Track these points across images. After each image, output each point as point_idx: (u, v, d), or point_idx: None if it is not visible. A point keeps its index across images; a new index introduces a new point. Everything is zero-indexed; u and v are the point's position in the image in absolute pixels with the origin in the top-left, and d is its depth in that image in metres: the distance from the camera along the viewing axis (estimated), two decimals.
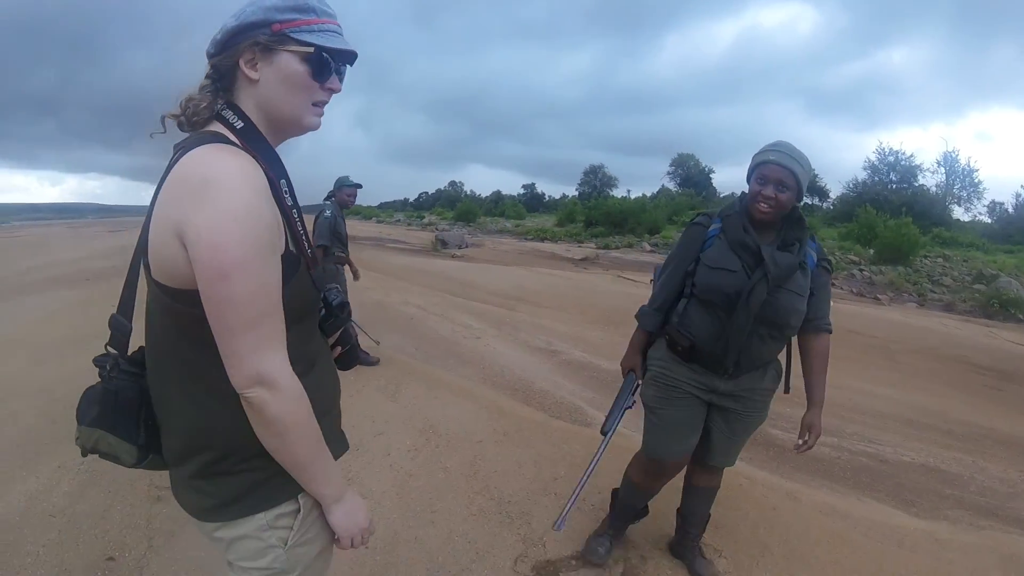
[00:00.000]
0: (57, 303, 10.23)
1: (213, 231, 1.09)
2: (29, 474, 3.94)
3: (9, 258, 19.60)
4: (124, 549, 3.18)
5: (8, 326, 8.56)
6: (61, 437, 4.39)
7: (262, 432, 1.23)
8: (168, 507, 3.51)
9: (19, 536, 3.30)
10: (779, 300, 2.45)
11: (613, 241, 31.27)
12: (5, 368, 6.27)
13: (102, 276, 13.52)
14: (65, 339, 7.37)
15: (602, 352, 7.66)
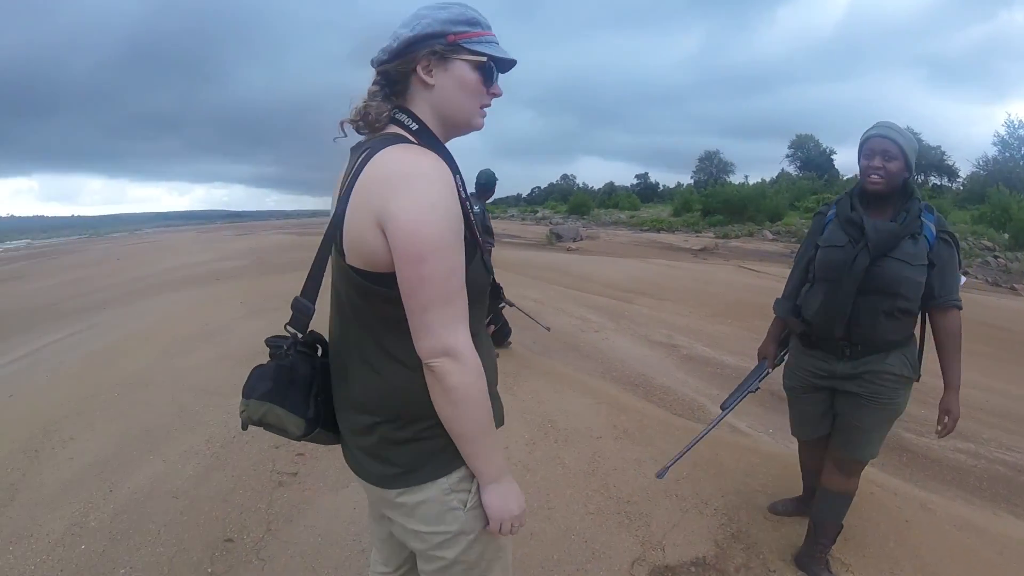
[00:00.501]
0: (188, 301, 10.97)
1: (413, 220, 1.26)
2: (157, 457, 4.24)
3: (146, 260, 21.32)
4: (243, 532, 3.35)
5: (145, 321, 9.32)
6: (190, 424, 4.78)
7: (440, 400, 1.36)
8: (289, 492, 3.69)
9: (143, 514, 3.54)
10: (884, 267, 2.52)
11: (733, 230, 30.33)
12: (140, 359, 6.81)
13: (231, 276, 14.42)
14: (194, 334, 7.93)
15: (725, 347, 7.42)
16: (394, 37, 1.40)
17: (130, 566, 3.08)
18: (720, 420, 3.18)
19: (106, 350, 7.54)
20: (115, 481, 3.93)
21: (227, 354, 6.75)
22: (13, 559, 3.21)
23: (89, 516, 3.55)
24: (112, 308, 11.02)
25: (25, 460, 4.32)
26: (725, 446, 4.23)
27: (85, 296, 12.92)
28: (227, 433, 4.53)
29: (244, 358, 6.49)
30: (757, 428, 4.65)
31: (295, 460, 4.07)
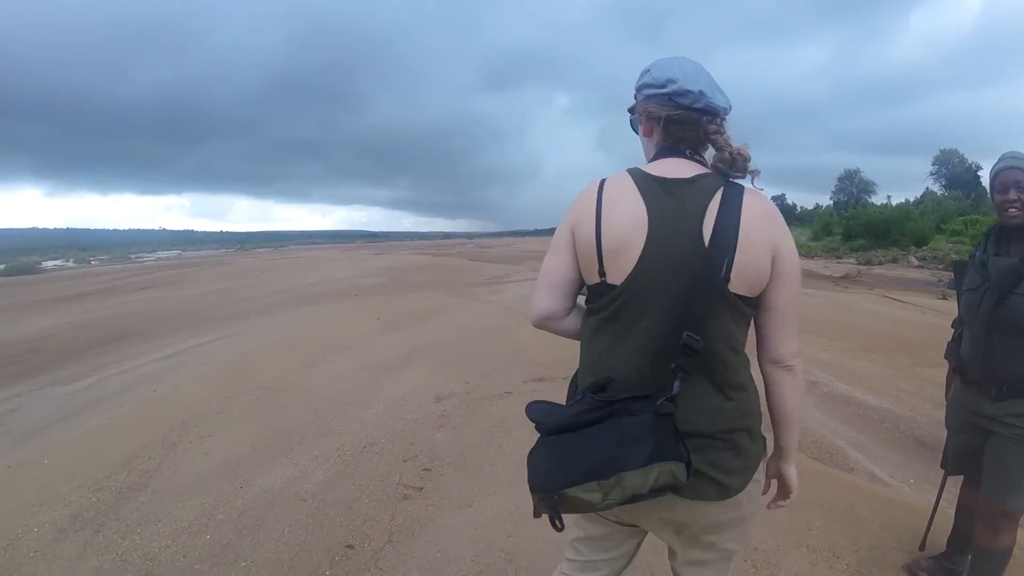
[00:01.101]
0: (327, 314, 11.51)
1: (793, 248, 1.56)
2: (288, 460, 4.41)
3: (289, 275, 22.51)
4: (364, 540, 3.40)
5: (285, 331, 9.85)
6: (323, 431, 4.96)
7: (795, 394, 1.64)
8: (413, 506, 3.73)
9: (269, 514, 3.68)
10: (1009, 305, 2.48)
11: (876, 255, 28.09)
12: (279, 366, 7.17)
13: (368, 292, 15.02)
14: (332, 346, 8.29)
15: (869, 385, 6.88)
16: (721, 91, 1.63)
17: (251, 560, 3.20)
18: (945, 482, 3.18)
19: (247, 356, 8.03)
20: (246, 479, 4.11)
21: (362, 367, 6.99)
22: (140, 540, 3.42)
23: (218, 509, 3.72)
24: (255, 317, 11.73)
25: (162, 451, 4.61)
26: (862, 495, 3.96)
27: (230, 305, 13.84)
28: (357, 443, 4.66)
29: (378, 371, 6.76)
30: (897, 477, 4.30)
31: (421, 475, 4.12)
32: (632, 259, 1.50)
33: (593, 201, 1.56)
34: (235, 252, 56.35)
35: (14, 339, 10.33)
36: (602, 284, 1.55)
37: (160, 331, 10.58)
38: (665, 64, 1.62)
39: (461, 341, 8.44)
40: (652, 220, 1.50)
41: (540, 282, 1.68)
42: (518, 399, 5.66)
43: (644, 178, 1.57)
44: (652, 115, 1.64)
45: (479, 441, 4.68)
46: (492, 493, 3.87)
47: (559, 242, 1.63)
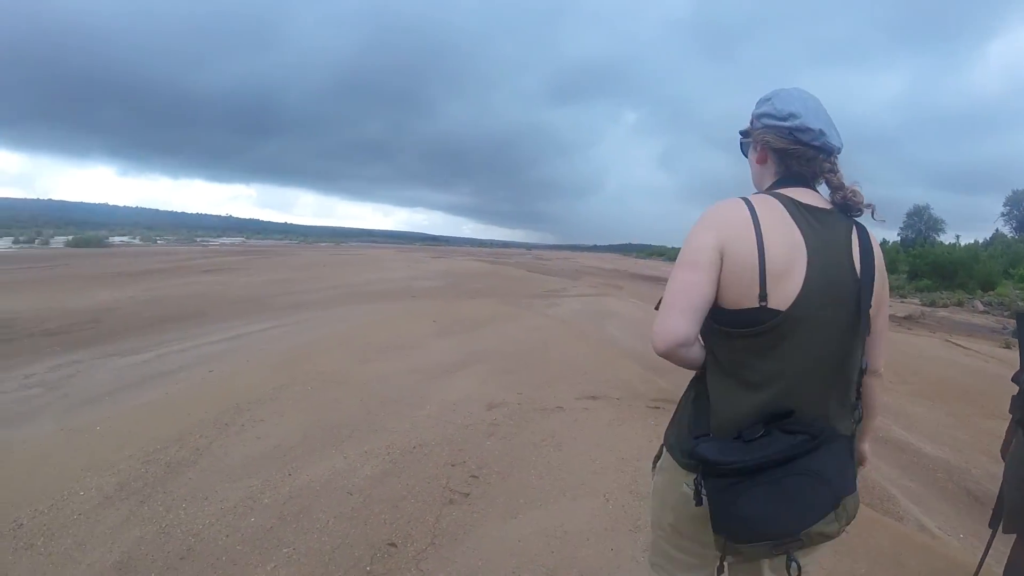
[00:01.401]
0: (384, 313, 11.62)
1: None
2: (337, 453, 4.42)
3: (352, 271, 22.80)
4: (407, 540, 3.37)
5: (343, 325, 9.96)
6: (373, 428, 4.97)
7: (881, 392, 1.76)
8: (458, 511, 3.70)
9: (316, 503, 3.69)
10: None
11: (941, 297, 26.87)
12: (334, 360, 7.25)
13: (425, 294, 15.14)
14: (387, 344, 8.36)
15: (926, 432, 6.61)
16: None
17: (294, 547, 3.19)
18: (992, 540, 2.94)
19: (304, 346, 8.12)
20: (295, 467, 4.13)
21: (415, 368, 7.01)
22: (184, 515, 3.45)
23: (265, 493, 3.74)
24: (314, 309, 11.87)
25: (214, 430, 4.67)
26: (910, 544, 3.80)
27: (291, 295, 14.05)
28: (407, 442, 4.65)
29: (432, 374, 6.77)
30: (947, 530, 4.14)
31: (468, 481, 4.08)
32: (796, 284, 1.48)
33: (747, 220, 1.51)
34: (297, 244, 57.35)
35: (76, 309, 10.60)
36: (761, 309, 1.47)
37: (221, 314, 10.80)
38: (787, 96, 1.63)
39: (515, 351, 8.42)
40: (809, 246, 1.50)
41: (674, 302, 1.53)
42: (570, 414, 5.61)
43: (792, 203, 1.56)
44: (770, 145, 1.65)
45: (528, 453, 4.63)
46: (538, 507, 3.81)
47: (701, 260, 1.51)
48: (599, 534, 3.51)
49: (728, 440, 1.47)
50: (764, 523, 1.37)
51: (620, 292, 19.93)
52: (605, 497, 3.99)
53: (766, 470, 1.38)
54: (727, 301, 1.51)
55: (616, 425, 5.35)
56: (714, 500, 1.41)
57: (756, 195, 1.60)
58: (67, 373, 6.46)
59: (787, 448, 1.39)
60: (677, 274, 1.54)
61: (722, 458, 1.40)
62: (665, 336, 1.51)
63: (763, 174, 1.71)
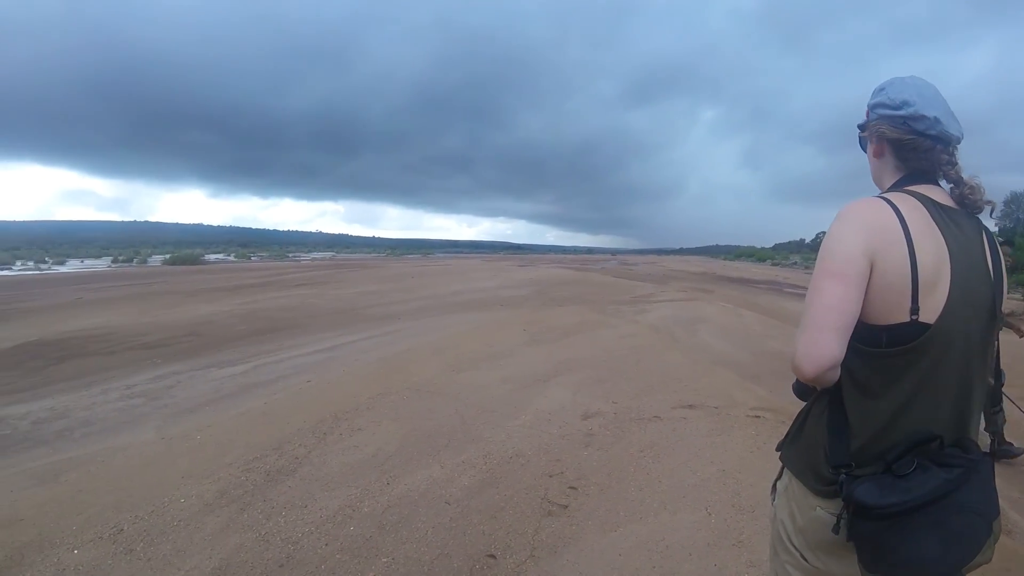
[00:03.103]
0: (474, 323, 11.66)
1: None
2: (434, 462, 4.41)
3: (440, 281, 23.04)
4: (506, 552, 3.32)
5: (434, 335, 10.04)
6: (469, 437, 4.96)
7: None
8: (557, 523, 3.63)
9: (414, 512, 3.68)
10: None
11: None
12: (428, 369, 7.30)
13: (513, 304, 15.11)
14: (479, 354, 8.37)
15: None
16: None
17: (392, 557, 3.19)
18: None
19: (398, 356, 8.21)
20: (394, 476, 4.14)
21: (508, 377, 6.99)
22: (284, 523, 3.49)
23: (364, 502, 3.75)
24: (405, 320, 12.02)
25: (313, 439, 4.73)
26: (1019, 561, 3.56)
27: (381, 306, 14.27)
28: (504, 452, 4.62)
29: (524, 383, 6.73)
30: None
31: (567, 493, 4.01)
32: (943, 295, 1.39)
33: (897, 226, 1.40)
34: (385, 257, 58.36)
35: (175, 323, 11.02)
36: (913, 324, 1.37)
37: (315, 326, 11.03)
38: (901, 84, 1.56)
39: (607, 360, 8.30)
40: (951, 252, 1.42)
41: (823, 320, 1.39)
42: (667, 424, 5.47)
43: (932, 204, 1.47)
44: (884, 136, 1.58)
45: (626, 464, 4.52)
46: (638, 520, 3.70)
47: (849, 271, 1.38)
48: (701, 549, 3.39)
49: (880, 476, 1.37)
50: (929, 566, 1.31)
51: (710, 296, 19.51)
52: (707, 510, 3.85)
53: (925, 508, 1.30)
54: (872, 315, 1.40)
55: (715, 435, 5.20)
56: (869, 544, 1.35)
57: (895, 194, 1.49)
58: (167, 384, 6.68)
59: (944, 484, 1.31)
60: (823, 286, 1.40)
61: (883, 501, 1.31)
62: (817, 359, 1.38)
63: (882, 168, 1.64)
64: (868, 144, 1.67)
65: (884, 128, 1.56)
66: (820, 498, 1.48)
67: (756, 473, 4.24)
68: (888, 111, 1.55)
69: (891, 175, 1.61)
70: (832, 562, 1.49)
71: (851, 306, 1.37)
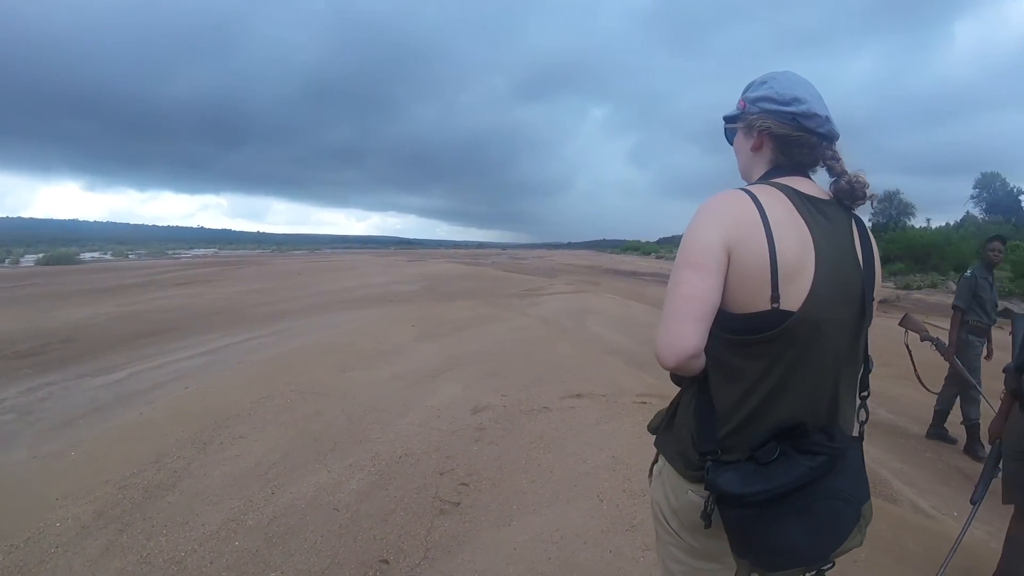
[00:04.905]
0: (363, 320, 11.41)
1: None
2: (322, 467, 4.25)
3: (328, 278, 22.62)
4: (399, 555, 3.23)
5: (321, 334, 9.75)
6: (358, 439, 4.81)
7: None
8: (450, 522, 3.56)
9: (302, 522, 3.52)
10: None
11: (914, 280, 27.91)
12: (315, 369, 7.06)
13: (403, 299, 14.98)
14: (368, 352, 8.19)
15: (911, 413, 6.61)
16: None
17: (281, 571, 3.04)
18: (974, 516, 2.89)
19: (283, 357, 7.92)
20: (279, 484, 3.96)
21: (398, 375, 6.86)
22: (166, 542, 3.26)
23: (248, 514, 3.56)
24: (291, 319, 11.64)
25: (193, 450, 4.48)
26: (907, 527, 3.82)
27: (267, 305, 13.79)
28: (393, 452, 4.50)
29: (414, 380, 6.63)
30: (942, 510, 4.14)
31: (459, 490, 3.95)
32: (807, 283, 1.37)
33: (756, 216, 1.38)
34: (271, 253, 56.87)
35: (48, 328, 10.27)
36: (773, 312, 1.35)
37: (197, 327, 10.53)
38: (787, 80, 1.54)
39: (497, 353, 8.31)
40: (817, 240, 1.40)
41: (682, 311, 1.37)
42: (557, 414, 5.50)
43: (796, 195, 1.46)
44: (769, 131, 1.53)
45: (517, 457, 4.51)
46: (532, 512, 3.69)
47: (708, 262, 1.37)
48: (596, 536, 3.42)
49: (744, 464, 1.36)
50: (798, 553, 1.33)
51: (598, 288, 19.90)
52: (599, 497, 3.88)
53: (790, 496, 1.30)
54: (734, 305, 1.38)
55: (604, 422, 5.24)
56: (737, 530, 1.35)
57: (758, 186, 1.48)
58: (40, 396, 6.20)
59: (808, 472, 1.31)
60: (682, 277, 1.39)
61: (746, 490, 1.30)
62: (676, 349, 1.36)
63: (755, 162, 1.60)
64: (741, 136, 1.63)
65: (771, 123, 1.52)
66: (692, 482, 1.48)
67: (645, 458, 4.26)
68: (776, 106, 1.52)
69: (761, 168, 1.58)
70: (710, 542, 1.51)
71: (710, 295, 1.35)
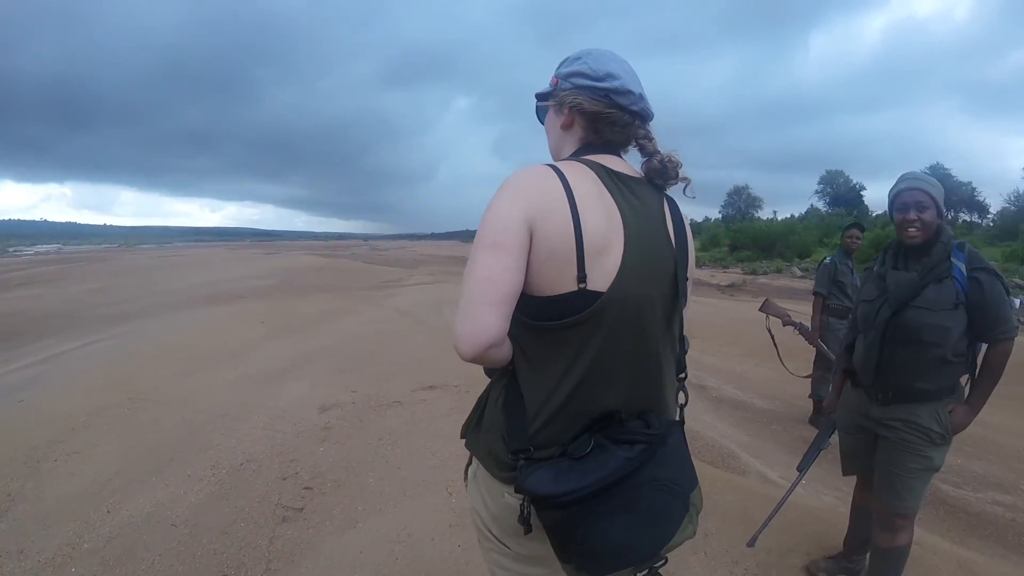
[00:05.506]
0: (211, 318, 11.00)
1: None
2: (159, 480, 4.10)
3: (175, 274, 21.65)
4: (240, 569, 3.17)
5: (166, 336, 9.32)
6: (198, 447, 4.65)
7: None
8: (292, 529, 3.51)
9: (138, 541, 3.38)
10: (905, 317, 2.59)
11: (761, 266, 30.48)
12: (157, 374, 6.76)
13: (256, 295, 14.53)
14: (213, 353, 7.91)
15: (755, 389, 7.11)
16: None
17: None
18: (798, 482, 3.14)
19: (123, 362, 7.53)
20: (114, 502, 3.80)
21: (243, 376, 6.68)
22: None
23: (84, 537, 3.41)
24: (136, 320, 11.06)
25: (26, 470, 4.23)
26: (756, 497, 3.95)
27: (111, 306, 13.04)
28: (233, 460, 4.39)
29: (260, 381, 6.48)
30: (788, 479, 4.32)
31: (302, 494, 3.91)
32: (615, 261, 1.29)
33: (560, 192, 1.28)
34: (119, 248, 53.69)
35: None
36: (580, 292, 1.26)
37: (34, 333, 9.84)
38: (602, 56, 1.45)
39: (350, 347, 8.22)
40: (626, 218, 1.33)
41: (480, 294, 1.23)
42: (407, 408, 5.54)
43: (604, 171, 1.38)
44: (580, 108, 1.44)
45: (364, 455, 4.49)
46: (377, 512, 3.69)
47: (506, 240, 1.23)
48: (444, 531, 3.45)
49: (557, 461, 1.25)
50: (624, 553, 1.24)
51: (458, 279, 19.94)
52: (448, 491, 3.93)
53: (609, 491, 1.20)
54: (538, 287, 1.27)
55: (456, 413, 5.31)
56: (556, 533, 1.24)
57: (565, 163, 1.38)
58: None
59: (625, 464, 1.22)
60: (479, 258, 1.25)
61: (556, 490, 1.19)
62: (474, 337, 1.22)
63: (566, 140, 1.51)
64: (552, 114, 1.54)
65: (582, 99, 1.43)
66: (507, 484, 1.36)
67: None
68: (588, 82, 1.42)
69: (571, 147, 1.50)
70: (536, 545, 1.38)
71: (510, 276, 1.22)
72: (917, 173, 2.69)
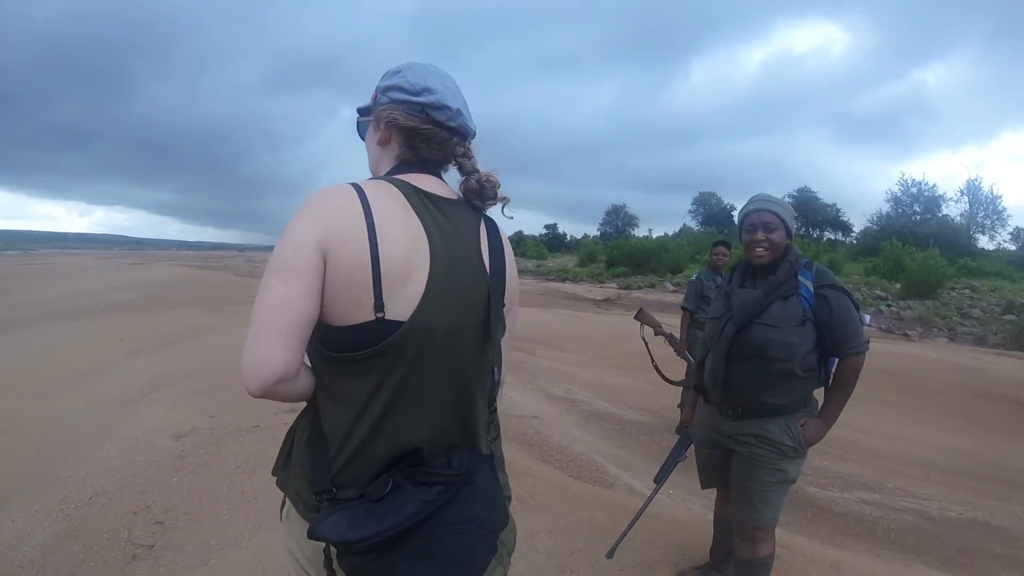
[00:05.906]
0: (68, 335, 10.19)
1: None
2: (5, 517, 3.79)
3: (35, 285, 20.22)
4: None
5: (17, 355, 8.56)
6: (47, 479, 4.33)
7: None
8: (143, 568, 3.32)
9: None
10: (750, 333, 2.64)
11: (635, 281, 32.01)
12: (4, 399, 6.22)
13: (118, 309, 13.74)
14: (66, 374, 7.35)
15: (625, 401, 7.34)
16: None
17: None
18: (655, 494, 3.19)
19: None
20: None
21: (96, 400, 6.24)
22: None
23: None
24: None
25: None
26: (623, 510, 3.95)
27: None
28: (83, 492, 4.10)
29: (114, 405, 6.09)
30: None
31: (153, 530, 3.68)
32: (418, 289, 1.24)
33: (358, 213, 1.21)
34: None
35: None
36: (379, 322, 1.19)
37: None
38: (422, 70, 1.40)
39: (214, 367, 7.77)
40: (433, 241, 1.28)
41: (267, 324, 1.15)
42: (268, 433, 5.30)
43: (412, 191, 1.33)
44: (396, 123, 1.39)
45: (219, 485, 4.27)
46: (231, 546, 3.51)
47: (297, 266, 1.16)
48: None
49: (355, 504, 1.17)
50: None
51: None
52: None
53: (409, 534, 1.13)
54: (335, 316, 1.20)
55: None
56: None
57: (370, 182, 1.32)
58: None
59: (422, 507, 1.15)
60: (269, 283, 1.17)
61: (351, 536, 1.10)
62: (260, 371, 1.13)
63: (383, 157, 1.46)
64: (371, 130, 1.48)
65: (397, 114, 1.38)
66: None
67: None
68: (405, 96, 1.38)
69: (387, 165, 1.45)
70: None
71: (301, 304, 1.15)
72: (766, 194, 2.72)
